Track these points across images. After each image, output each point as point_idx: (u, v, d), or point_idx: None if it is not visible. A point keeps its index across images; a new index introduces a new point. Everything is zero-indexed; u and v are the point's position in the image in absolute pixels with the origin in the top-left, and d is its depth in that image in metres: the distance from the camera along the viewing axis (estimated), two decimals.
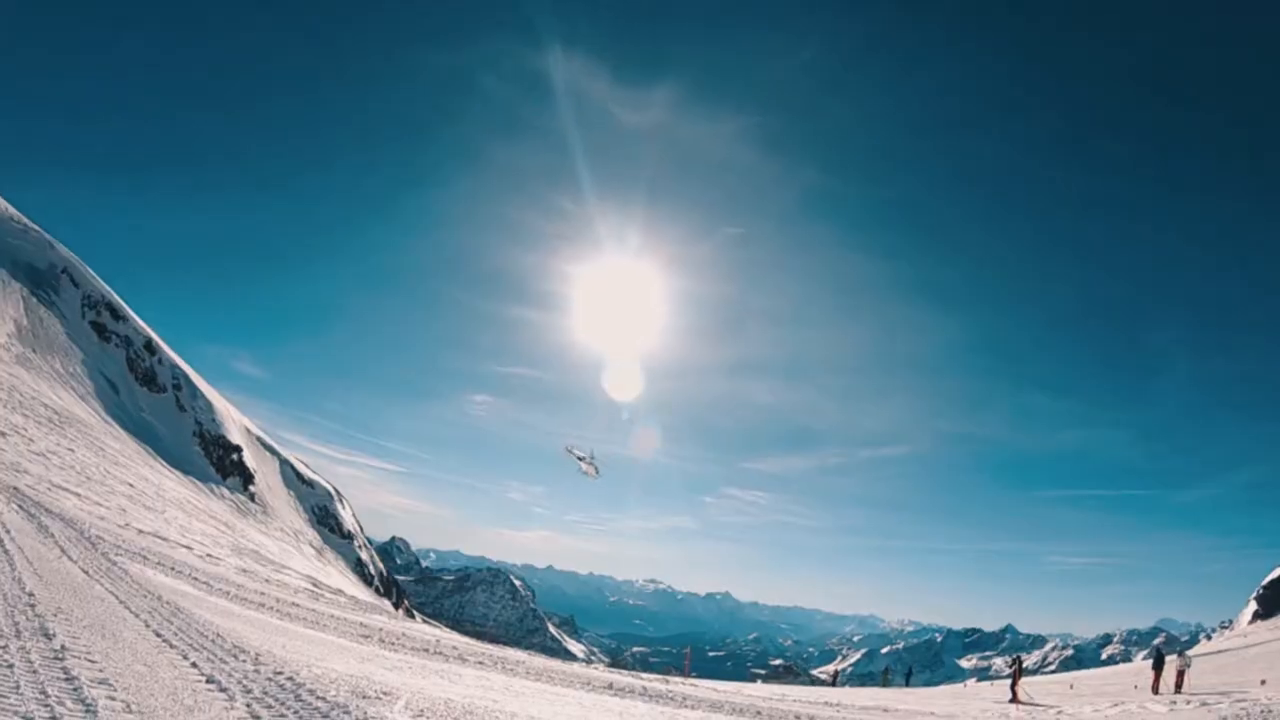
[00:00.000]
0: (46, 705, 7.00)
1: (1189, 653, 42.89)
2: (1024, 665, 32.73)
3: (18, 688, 7.35)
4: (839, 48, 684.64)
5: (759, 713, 19.43)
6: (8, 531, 19.51)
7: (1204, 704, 23.55)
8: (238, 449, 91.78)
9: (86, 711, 7.11)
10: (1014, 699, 29.30)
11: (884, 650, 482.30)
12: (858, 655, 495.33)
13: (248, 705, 8.71)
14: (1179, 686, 29.41)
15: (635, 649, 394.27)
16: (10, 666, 8.05)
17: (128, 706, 7.57)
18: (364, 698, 10.66)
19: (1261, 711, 19.83)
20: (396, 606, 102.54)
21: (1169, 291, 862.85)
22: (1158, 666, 31.05)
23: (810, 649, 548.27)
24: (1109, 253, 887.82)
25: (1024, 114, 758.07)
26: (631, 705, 17.34)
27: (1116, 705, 25.15)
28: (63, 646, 9.34)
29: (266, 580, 36.66)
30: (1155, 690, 29.71)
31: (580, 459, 47.21)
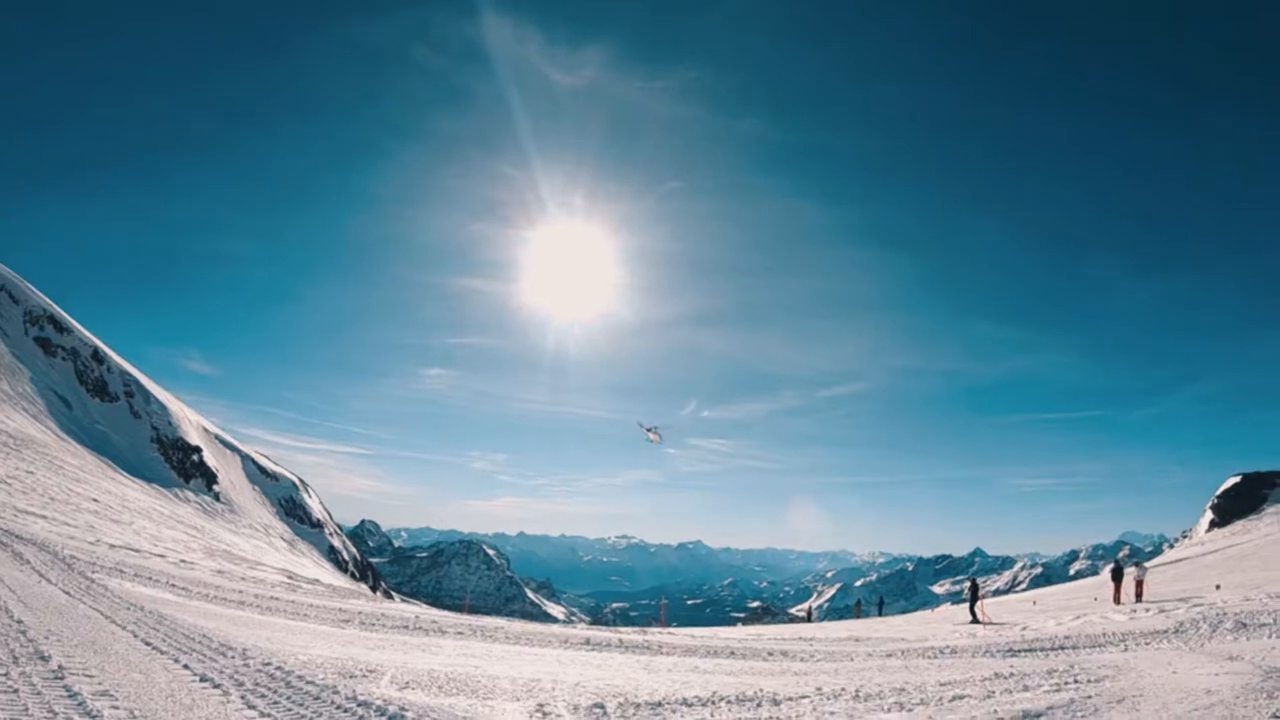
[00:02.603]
0: None
1: (1148, 563, 44.73)
2: (995, 587, 34.14)
3: (26, 710, 7.80)
4: None
5: (733, 653, 20.02)
6: None
7: (1162, 610, 24.66)
8: (197, 450, 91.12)
9: None
10: (974, 620, 30.45)
11: (858, 583, 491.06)
12: (832, 590, 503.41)
13: (242, 697, 9.32)
14: (1139, 595, 30.72)
15: (614, 605, 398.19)
16: (15, 691, 8.49)
17: (131, 713, 8.10)
18: (351, 677, 11.35)
19: (1216, 614, 20.94)
20: (374, 589, 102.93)
21: (1108, 216, 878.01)
22: (1117, 578, 32.40)
23: (786, 589, 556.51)
24: (1048, 182, 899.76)
25: (962, 51, 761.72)
26: (609, 657, 18.04)
27: (1079, 618, 26.23)
28: (60, 666, 9.79)
29: (242, 578, 36.96)
30: (1117, 601, 31.01)
31: (649, 430, 50.09)
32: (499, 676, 12.86)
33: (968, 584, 34.94)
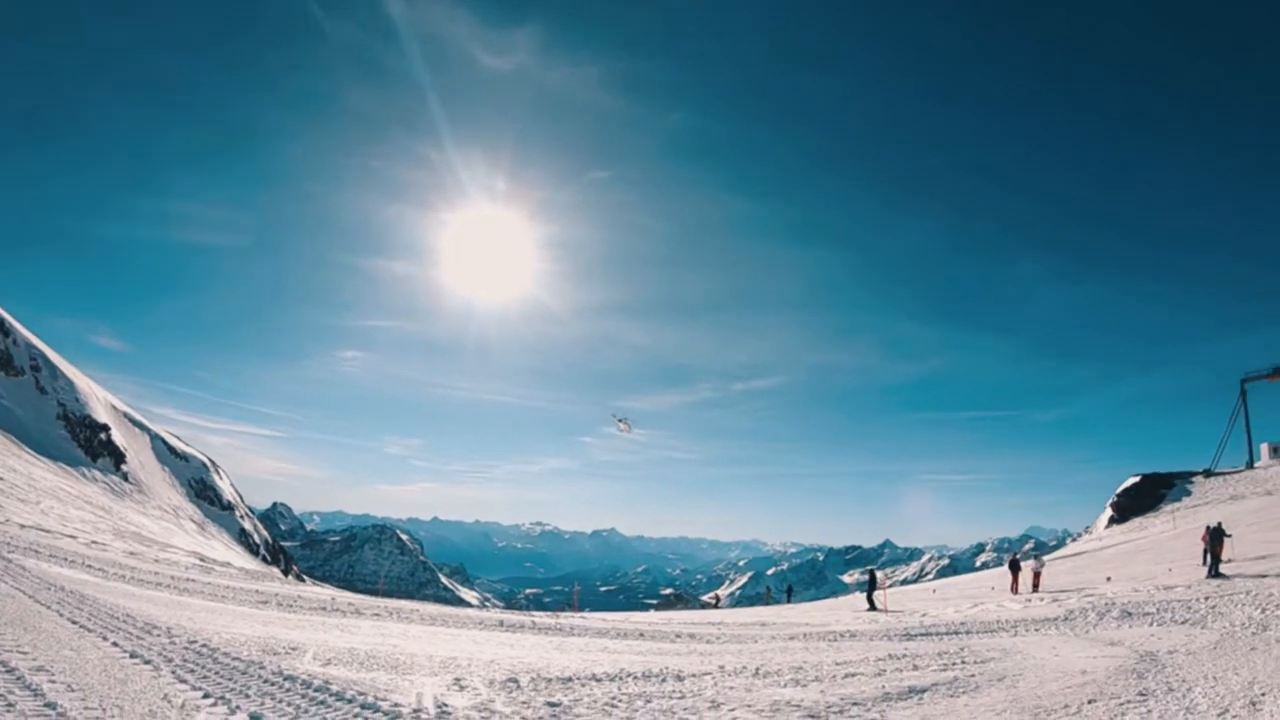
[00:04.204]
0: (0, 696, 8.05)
1: (1047, 556, 46.78)
2: (903, 577, 35.47)
3: None
4: None
5: (643, 635, 20.87)
6: None
7: (1055, 600, 26.25)
8: (105, 428, 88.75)
9: (35, 696, 8.15)
10: (873, 608, 31.81)
11: (769, 572, 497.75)
12: (744, 579, 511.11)
13: (173, 671, 9.92)
14: (1036, 586, 32.35)
15: (528, 591, 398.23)
16: None
17: (69, 686, 8.66)
18: (274, 654, 11.99)
19: (1105, 604, 22.52)
20: (285, 573, 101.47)
21: (1035, 221, 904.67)
22: (1014, 570, 34.20)
23: (699, 577, 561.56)
24: (979, 183, 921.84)
25: (895, 49, 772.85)
26: (522, 638, 18.80)
27: (976, 606, 27.70)
28: None
29: (156, 560, 36.76)
30: (1014, 591, 32.69)
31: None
32: (417, 654, 13.58)
33: (883, 574, 36.25)
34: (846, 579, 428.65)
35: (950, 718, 9.40)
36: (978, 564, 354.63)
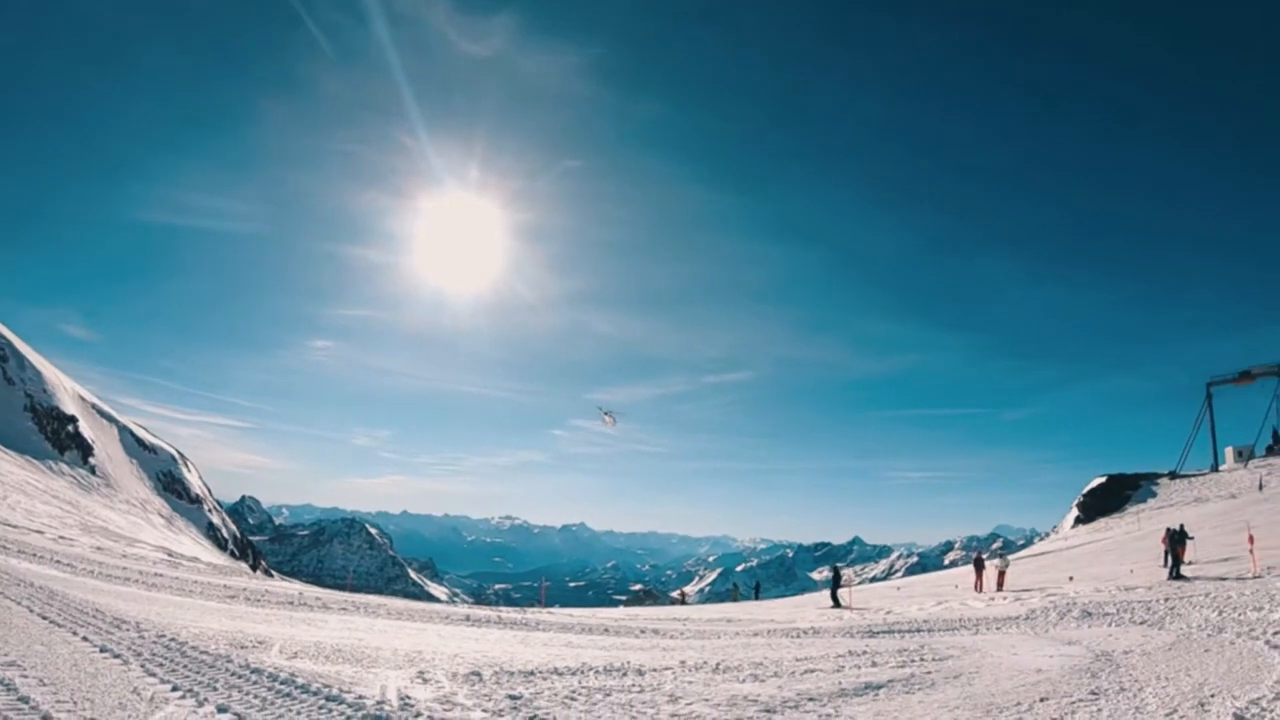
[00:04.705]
0: None
1: (1011, 555, 47.45)
2: (871, 574, 35.86)
3: None
4: None
5: (607, 630, 21.10)
6: None
7: (1018, 599, 26.69)
8: (73, 419, 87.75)
9: (8, 690, 8.38)
10: (836, 604, 32.25)
11: (739, 568, 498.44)
12: (714, 575, 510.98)
13: (142, 665, 10.16)
14: (1000, 585, 32.82)
15: (497, 586, 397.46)
16: None
17: (41, 681, 8.89)
18: (242, 648, 12.23)
19: (1066, 603, 22.98)
20: (254, 568, 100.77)
21: (1000, 224, 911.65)
22: (979, 568, 34.70)
23: (668, 572, 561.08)
24: (945, 187, 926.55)
25: (864, 54, 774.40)
26: (487, 632, 19.04)
27: (940, 603, 28.11)
28: None
29: (123, 555, 36.65)
30: (979, 589, 33.19)
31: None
32: (382, 648, 13.84)
33: (853, 571, 36.69)
34: (816, 576, 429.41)
35: (904, 714, 9.63)
36: (946, 562, 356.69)
